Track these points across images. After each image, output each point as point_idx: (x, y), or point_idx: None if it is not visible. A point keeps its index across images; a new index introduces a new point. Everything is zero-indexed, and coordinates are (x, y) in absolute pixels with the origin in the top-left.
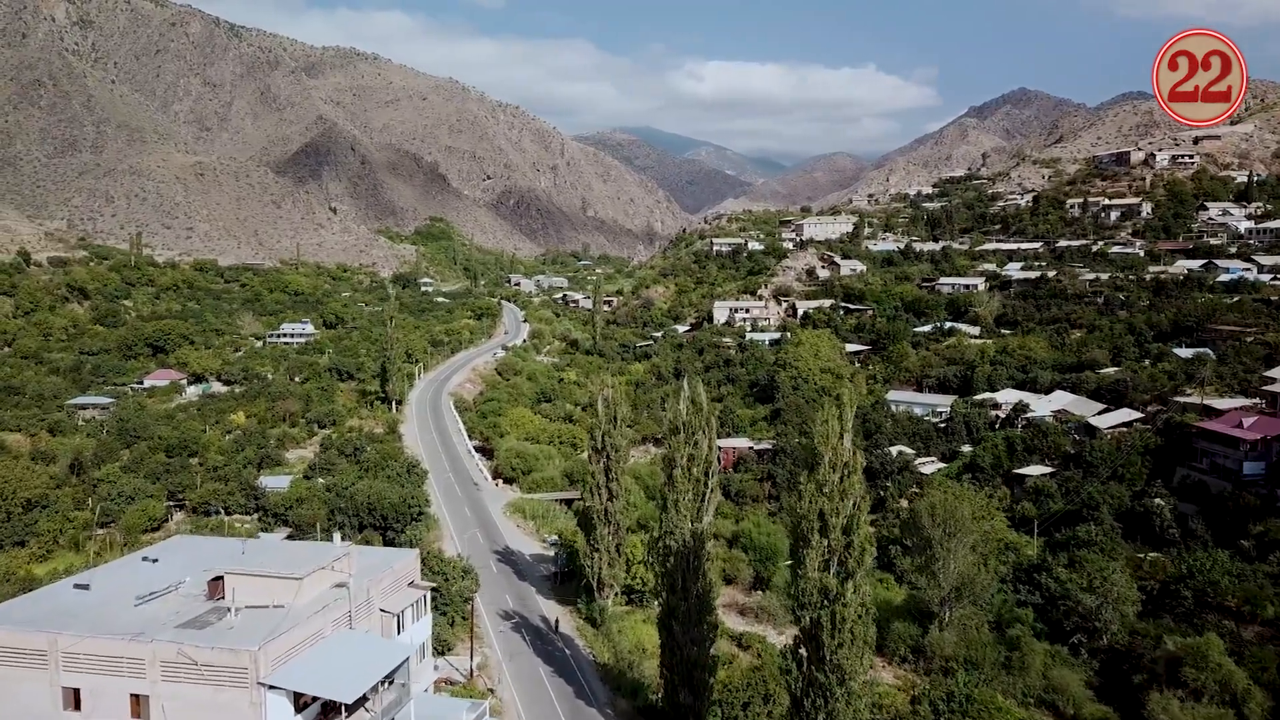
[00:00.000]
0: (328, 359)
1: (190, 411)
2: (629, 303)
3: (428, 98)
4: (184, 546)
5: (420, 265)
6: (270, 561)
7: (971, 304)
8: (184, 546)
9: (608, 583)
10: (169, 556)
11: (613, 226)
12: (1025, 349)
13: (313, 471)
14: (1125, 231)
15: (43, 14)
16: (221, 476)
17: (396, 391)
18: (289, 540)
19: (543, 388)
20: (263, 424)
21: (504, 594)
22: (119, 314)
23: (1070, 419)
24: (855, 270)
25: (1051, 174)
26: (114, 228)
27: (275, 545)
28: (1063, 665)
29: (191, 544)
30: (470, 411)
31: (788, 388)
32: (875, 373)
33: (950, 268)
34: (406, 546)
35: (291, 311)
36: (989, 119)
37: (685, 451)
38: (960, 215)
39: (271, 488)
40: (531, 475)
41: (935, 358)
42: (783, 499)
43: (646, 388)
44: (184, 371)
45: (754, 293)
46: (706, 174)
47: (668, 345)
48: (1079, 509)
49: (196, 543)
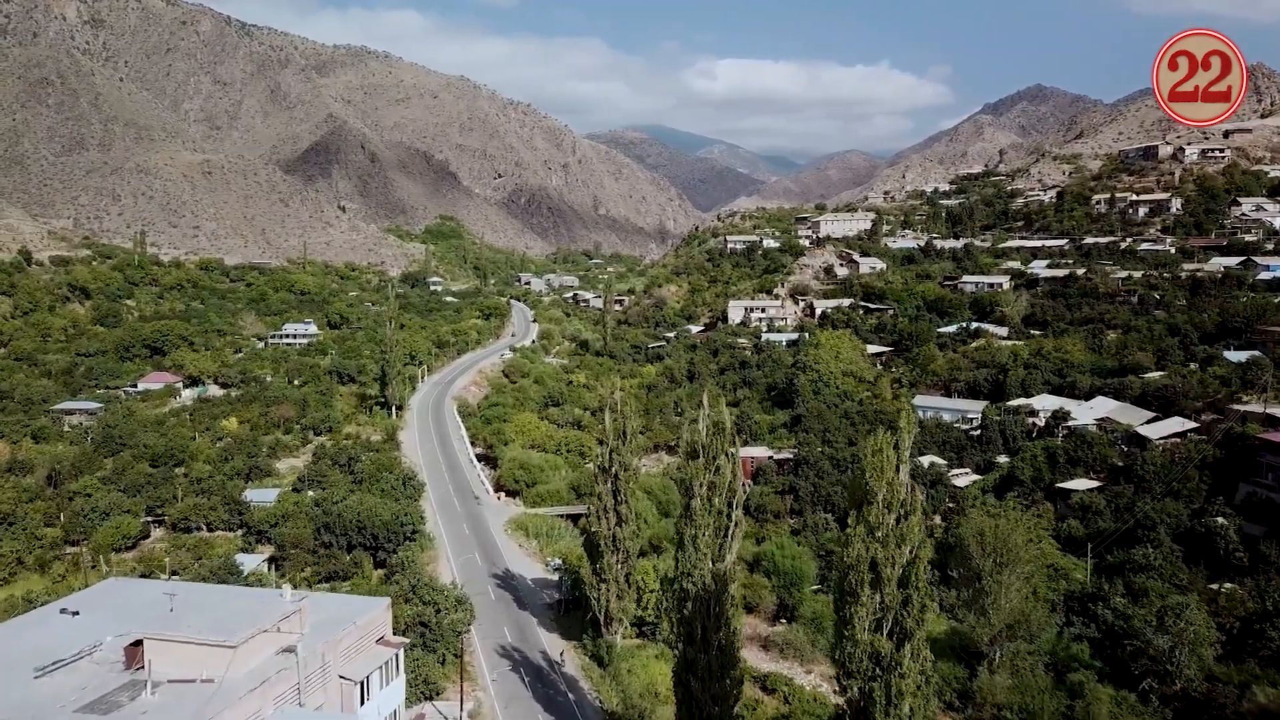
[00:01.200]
0: (329, 361)
1: (182, 417)
2: (641, 302)
3: (439, 96)
4: (115, 594)
5: (429, 264)
6: (201, 622)
7: (997, 303)
8: (115, 594)
9: (616, 616)
10: (93, 608)
11: (624, 225)
12: (1061, 352)
13: (302, 484)
14: (1154, 228)
15: (54, 13)
16: (205, 489)
17: (396, 396)
18: (266, 562)
19: (550, 391)
20: (255, 431)
21: (502, 625)
22: (120, 314)
23: (1116, 428)
24: (875, 268)
25: (1072, 170)
26: (120, 226)
27: (217, 595)
28: (1131, 716)
29: (125, 591)
30: (474, 417)
31: (808, 392)
32: (900, 375)
33: (973, 266)
34: (398, 568)
35: (296, 311)
36: (1004, 116)
37: (705, 479)
38: (980, 212)
39: (257, 502)
40: (536, 488)
41: (964, 360)
42: (806, 515)
43: (659, 391)
44: (180, 374)
45: (770, 291)
46: (719, 172)
47: (681, 346)
48: (1133, 529)
49: (132, 589)
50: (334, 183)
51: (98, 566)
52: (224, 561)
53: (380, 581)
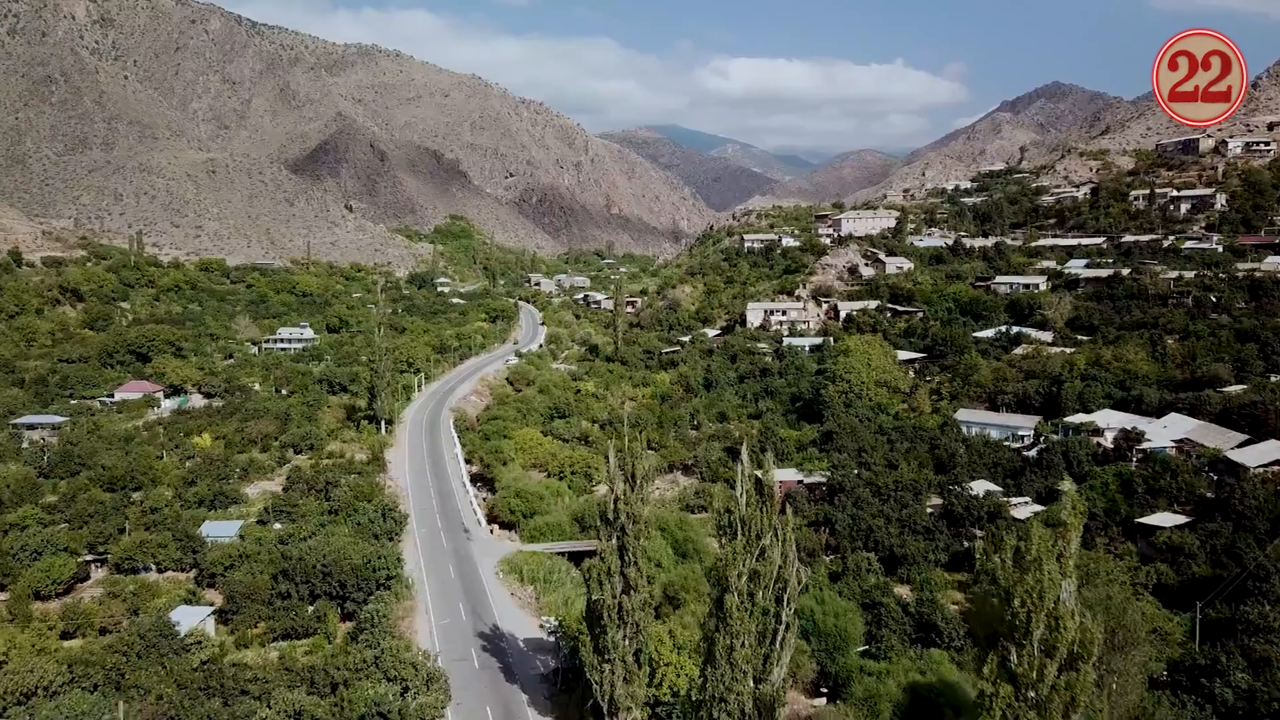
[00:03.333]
0: (323, 368)
1: (156, 431)
2: (654, 304)
3: (450, 94)
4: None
5: (437, 264)
6: None
7: (1037, 305)
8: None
9: (624, 705)
10: None
11: (637, 224)
12: (1121, 361)
13: (269, 515)
14: (1198, 225)
15: (63, 12)
16: (160, 520)
17: (386, 410)
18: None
19: (557, 401)
20: (230, 449)
21: (485, 704)
22: (113, 317)
23: (1202, 452)
24: (902, 268)
25: (1100, 166)
26: (122, 226)
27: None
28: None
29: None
30: (473, 431)
31: (839, 405)
32: (939, 386)
33: (1005, 265)
34: (367, 624)
35: (296, 314)
36: (1022, 113)
37: (744, 565)
38: (1006, 209)
39: (216, 537)
40: (534, 520)
41: (1010, 370)
42: (845, 554)
43: (673, 401)
44: (160, 383)
45: (791, 293)
46: (732, 172)
47: (696, 351)
48: (1242, 577)
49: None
50: (343, 182)
51: (18, 618)
52: (157, 620)
53: (346, 640)
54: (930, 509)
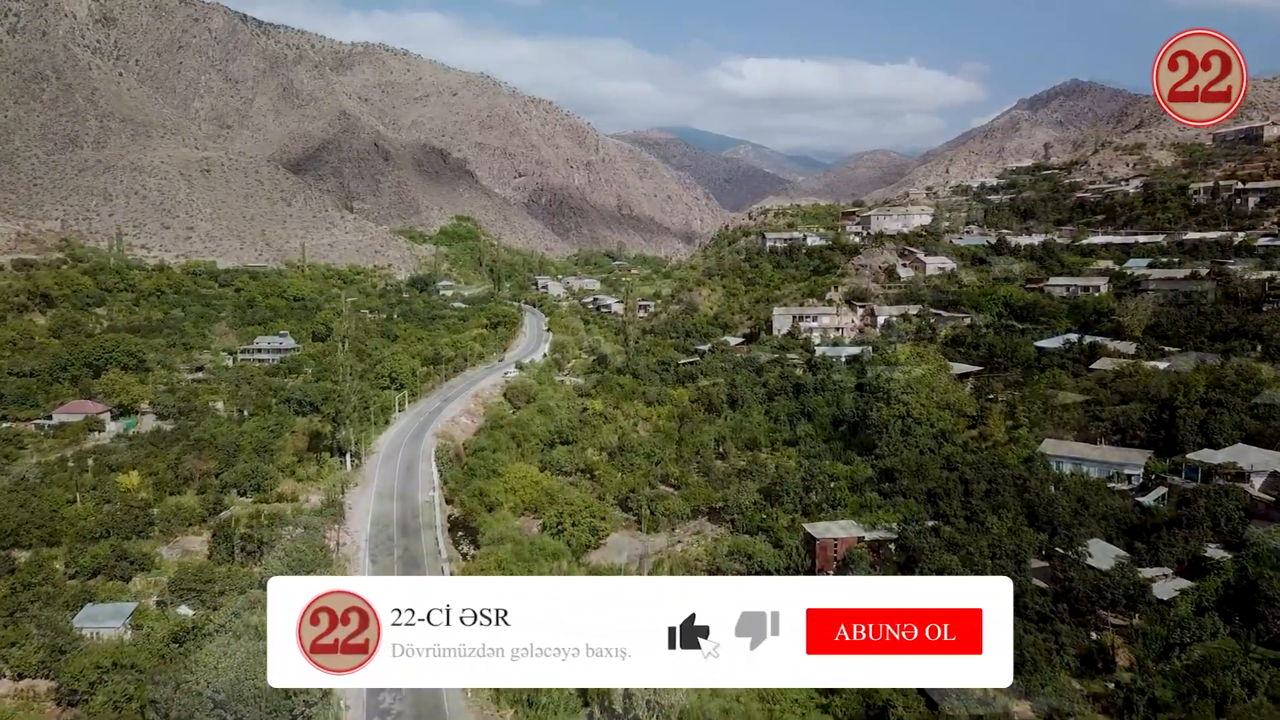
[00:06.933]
0: (300, 382)
1: (84, 464)
2: (668, 308)
3: (458, 93)
4: None
5: (439, 266)
6: None
7: (1106, 310)
8: None
9: None
10: None
11: (649, 225)
12: (1249, 380)
13: (171, 596)
14: (1269, 220)
15: (64, 10)
16: (29, 602)
17: (351, 440)
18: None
19: (559, 424)
20: (160, 490)
21: None
22: (85, 324)
23: None
24: (944, 269)
25: (1137, 160)
26: (109, 227)
27: None
28: None
29: None
30: (458, 463)
31: (895, 432)
32: (1012, 408)
33: (1059, 265)
34: None
35: (284, 321)
36: (1040, 111)
37: None
38: (1042, 206)
39: (93, 630)
40: None
41: (1103, 390)
42: None
43: (694, 424)
44: (108, 402)
45: (821, 296)
46: (745, 172)
47: (718, 362)
48: None
49: None
50: (346, 182)
51: None
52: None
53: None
54: (1039, 585)
